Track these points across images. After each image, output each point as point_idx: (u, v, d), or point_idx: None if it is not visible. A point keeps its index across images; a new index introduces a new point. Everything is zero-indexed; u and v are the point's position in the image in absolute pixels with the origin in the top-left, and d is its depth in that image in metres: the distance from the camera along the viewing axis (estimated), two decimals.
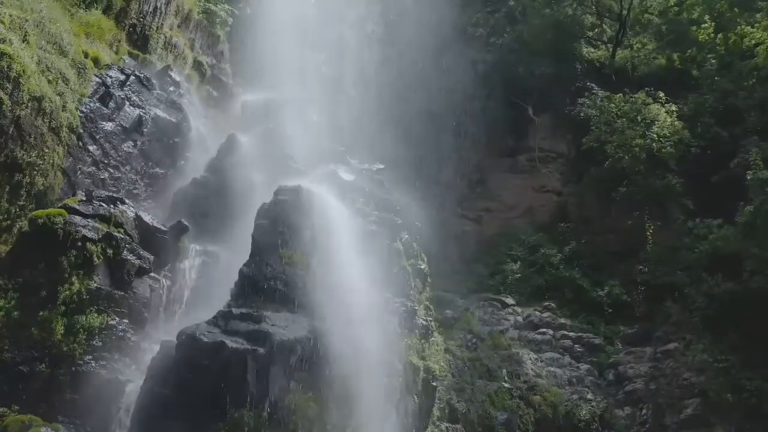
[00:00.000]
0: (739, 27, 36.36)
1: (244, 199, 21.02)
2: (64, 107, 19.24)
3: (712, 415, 26.23)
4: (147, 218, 19.44)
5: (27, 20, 18.67)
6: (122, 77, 22.21)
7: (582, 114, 36.69)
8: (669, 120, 34.05)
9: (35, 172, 18.17)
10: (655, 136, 33.54)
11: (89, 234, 17.18)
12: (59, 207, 17.60)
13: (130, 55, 23.84)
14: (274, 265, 17.40)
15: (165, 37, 25.52)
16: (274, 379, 15.39)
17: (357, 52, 36.59)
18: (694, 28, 38.25)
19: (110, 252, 17.48)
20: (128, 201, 19.36)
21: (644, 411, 27.33)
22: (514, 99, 40.84)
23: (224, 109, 27.85)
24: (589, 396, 27.69)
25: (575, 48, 41.29)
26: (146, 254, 18.41)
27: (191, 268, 19.83)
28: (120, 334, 17.10)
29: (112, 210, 18.15)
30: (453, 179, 40.53)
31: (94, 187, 19.87)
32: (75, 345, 16.26)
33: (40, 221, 16.85)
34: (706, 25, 37.49)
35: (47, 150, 18.52)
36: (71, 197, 18.53)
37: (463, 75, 39.57)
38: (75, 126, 19.72)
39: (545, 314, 32.52)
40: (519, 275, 35.43)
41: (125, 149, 21.59)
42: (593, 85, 38.84)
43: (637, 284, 32.70)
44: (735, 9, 37.08)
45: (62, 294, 16.46)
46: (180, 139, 23.43)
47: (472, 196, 40.48)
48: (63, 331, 16.20)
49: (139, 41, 24.58)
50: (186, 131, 23.73)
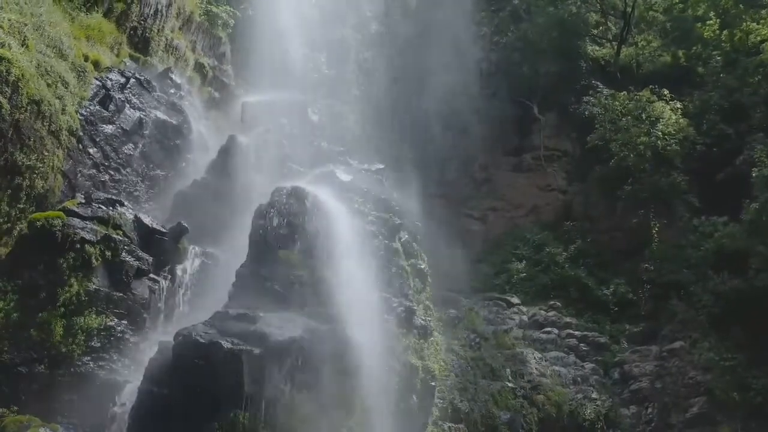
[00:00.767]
0: (745, 23, 36.19)
1: (244, 201, 21.11)
2: (64, 110, 19.35)
3: (718, 414, 26.07)
4: (146, 220, 19.59)
5: (26, 24, 18.81)
6: (122, 80, 22.33)
7: (587, 112, 36.53)
8: (674, 118, 33.89)
9: (35, 175, 18.28)
10: (660, 134, 33.39)
11: (88, 236, 17.34)
12: (58, 209, 17.76)
13: (131, 58, 23.99)
14: (271, 266, 17.53)
15: (166, 40, 25.64)
16: (270, 379, 15.49)
17: (360, 53, 36.65)
18: (699, 25, 38.07)
19: (109, 254, 17.65)
20: (127, 203, 19.52)
21: (650, 410, 27.19)
22: (519, 98, 40.81)
23: (226, 111, 27.96)
24: (594, 395, 27.57)
25: (580, 46, 41.08)
26: (145, 256, 18.56)
27: (190, 270, 19.97)
28: (119, 335, 17.28)
29: (111, 212, 18.30)
30: (458, 178, 40.55)
31: (95, 190, 20.03)
32: (74, 346, 16.47)
33: (39, 224, 17.03)
34: (711, 22, 37.33)
35: (47, 153, 18.65)
36: (71, 200, 18.65)
37: (468, 74, 39.52)
38: (75, 129, 19.84)
39: (550, 313, 32.43)
40: (524, 274, 35.36)
41: (126, 151, 21.71)
42: (598, 83, 38.60)
43: (643, 282, 32.49)
44: (740, 5, 36.87)
45: (61, 295, 16.65)
46: (181, 141, 23.54)
47: (478, 196, 40.43)
48: (62, 333, 16.40)
49: (140, 44, 24.71)
50: (187, 133, 23.83)
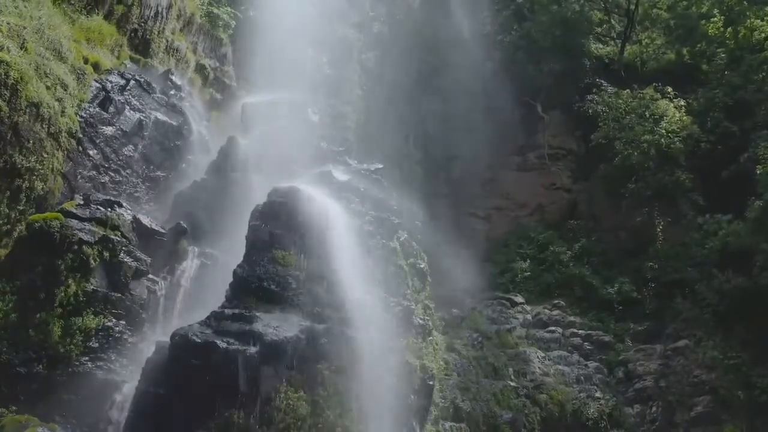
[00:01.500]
0: (749, 20, 35.96)
1: (244, 201, 21.12)
2: (63, 112, 19.53)
3: (723, 413, 26.00)
4: (145, 221, 19.75)
5: (25, 27, 18.97)
6: (122, 82, 22.48)
7: (591, 111, 36.41)
8: (677, 115, 33.74)
9: (34, 177, 18.47)
10: (664, 132, 33.24)
11: (85, 237, 17.49)
12: (56, 211, 17.89)
13: (132, 60, 24.13)
14: (268, 266, 17.58)
15: (167, 42, 25.78)
16: (265, 379, 15.57)
17: (362, 53, 36.67)
18: (704, 22, 37.83)
19: (107, 254, 17.80)
20: (126, 204, 19.68)
21: (654, 409, 27.09)
22: (523, 97, 40.69)
23: (227, 112, 28.09)
24: (598, 394, 27.48)
25: (583, 44, 40.92)
26: (143, 256, 18.70)
27: (189, 270, 20.07)
28: (117, 336, 17.41)
29: (109, 213, 18.44)
30: (463, 178, 40.43)
31: (95, 191, 20.21)
32: (72, 346, 16.62)
33: (37, 225, 17.20)
34: (716, 19, 37.09)
35: (46, 155, 18.82)
36: (70, 201, 18.78)
37: (472, 73, 39.44)
38: (74, 131, 20.01)
39: (554, 312, 32.32)
40: (528, 273, 35.25)
41: (126, 153, 21.87)
42: (602, 82, 38.53)
43: (647, 281, 32.32)
44: (744, 2, 36.54)
45: (59, 296, 16.82)
46: (181, 142, 23.69)
47: (482, 195, 40.28)
48: (60, 333, 16.57)
49: (141, 46, 24.87)
50: (187, 134, 23.98)
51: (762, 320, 26.48)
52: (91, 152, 20.76)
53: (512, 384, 26.41)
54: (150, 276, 18.92)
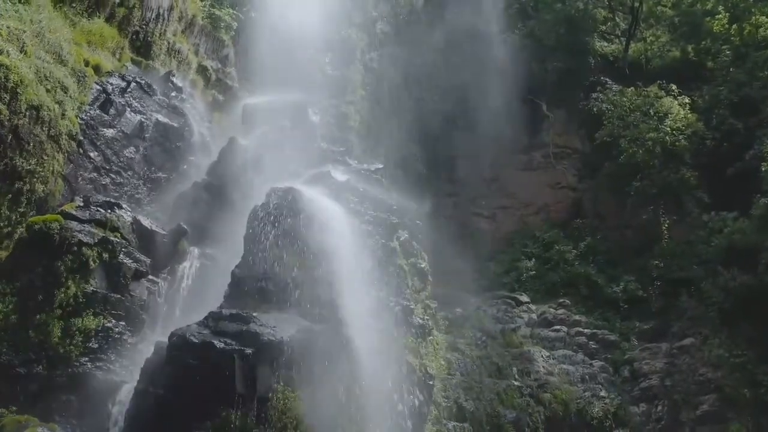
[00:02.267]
0: (754, 17, 35.82)
1: (244, 201, 21.19)
2: (64, 115, 19.67)
3: (729, 411, 25.80)
4: (146, 222, 19.84)
5: (25, 31, 19.11)
6: (123, 84, 22.61)
7: (595, 109, 36.37)
8: (682, 113, 33.62)
9: (35, 180, 18.61)
10: (669, 130, 33.15)
11: (85, 238, 17.59)
12: (56, 213, 18.02)
13: (133, 62, 24.25)
14: (265, 267, 17.65)
15: (168, 43, 25.88)
16: (262, 379, 15.56)
17: (366, 53, 36.70)
18: (708, 20, 37.73)
19: (106, 256, 17.88)
20: (126, 205, 19.79)
21: (660, 407, 26.93)
22: (528, 95, 40.62)
23: (229, 113, 28.17)
24: (603, 393, 27.34)
25: (588, 42, 40.85)
26: (143, 257, 18.78)
27: (190, 271, 20.14)
28: (116, 336, 17.49)
29: (109, 215, 18.55)
30: (467, 177, 40.44)
31: (96, 193, 20.36)
32: (71, 347, 16.71)
33: (37, 227, 17.32)
34: (721, 16, 36.97)
35: (47, 157, 18.97)
36: (70, 203, 18.91)
37: (475, 72, 39.39)
38: (75, 133, 20.14)
39: (560, 311, 32.24)
40: (533, 272, 35.24)
41: (127, 155, 22.00)
42: (607, 80, 38.49)
43: (653, 279, 32.22)
44: None
45: (59, 297, 16.91)
46: (182, 144, 23.81)
47: (487, 194, 40.27)
48: (60, 334, 16.66)
49: (142, 48, 24.99)
50: (188, 136, 24.10)
51: None
52: (92, 154, 20.89)
53: (516, 383, 26.34)
54: (150, 277, 19.00)
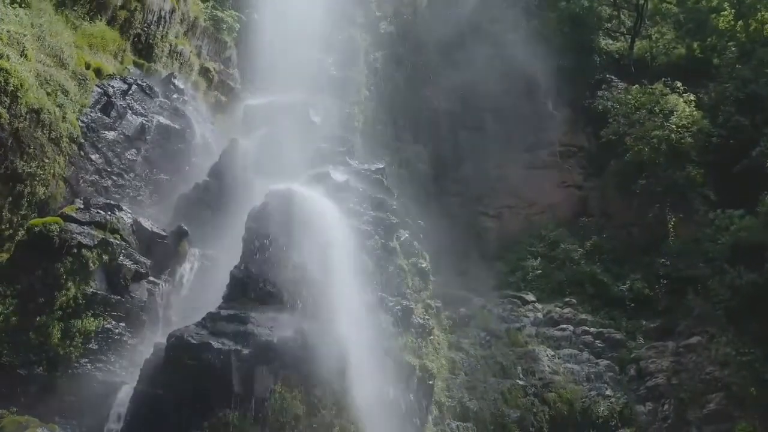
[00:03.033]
0: (760, 13, 35.59)
1: (245, 202, 21.21)
2: (64, 118, 19.81)
3: (736, 410, 25.65)
4: (146, 224, 19.92)
5: (25, 35, 19.27)
6: (124, 86, 22.73)
7: (600, 107, 36.26)
8: (687, 110, 33.45)
9: (36, 182, 18.75)
10: (674, 127, 33.02)
11: (84, 240, 17.68)
12: (57, 215, 18.13)
13: (135, 65, 24.36)
14: (263, 267, 17.69)
15: (170, 46, 25.98)
16: (259, 379, 15.65)
17: (370, 53, 36.70)
18: (714, 16, 37.52)
19: (106, 257, 17.96)
20: (126, 207, 19.84)
21: (666, 406, 26.82)
22: (533, 94, 40.50)
23: (232, 114, 28.23)
24: (608, 392, 27.28)
25: (593, 40, 40.83)
26: (143, 259, 18.86)
27: (190, 272, 20.23)
28: (116, 337, 17.56)
29: (108, 217, 18.64)
30: (473, 176, 40.33)
31: (98, 195, 20.45)
32: (71, 348, 16.79)
33: (37, 229, 17.41)
34: (726, 13, 36.78)
35: (47, 160, 19.10)
36: (71, 205, 19.02)
37: (480, 72, 39.32)
38: (76, 136, 20.26)
39: (566, 310, 32.15)
40: (539, 271, 35.15)
41: (128, 157, 22.10)
42: (613, 77, 38.43)
43: (659, 278, 32.11)
44: None
45: (59, 299, 17.00)
46: (184, 146, 23.89)
47: (493, 193, 40.14)
48: (60, 335, 16.74)
49: (144, 50, 25.10)
50: (190, 137, 24.17)
51: None
52: (93, 157, 21.00)
53: (520, 383, 26.33)
54: (150, 278, 19.07)
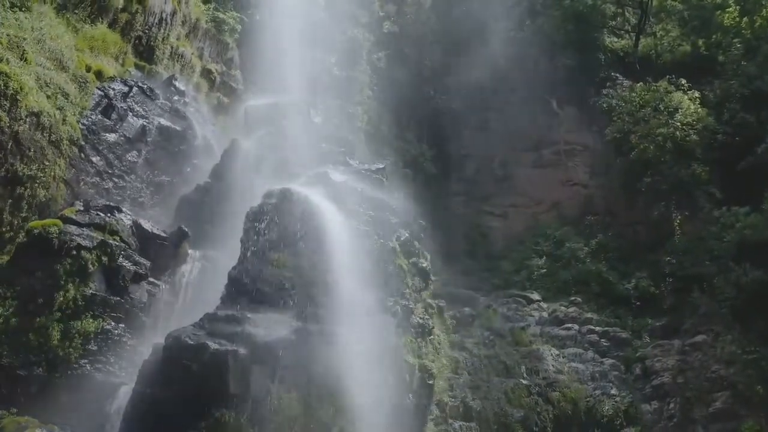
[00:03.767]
0: (765, 9, 35.30)
1: (245, 203, 21.24)
2: (64, 121, 19.95)
3: (742, 408, 25.48)
4: (147, 225, 20.04)
5: (25, 39, 19.42)
6: (125, 89, 22.86)
7: (605, 105, 36.13)
8: (692, 107, 33.26)
9: (36, 185, 18.93)
10: (679, 125, 32.82)
11: (84, 242, 17.81)
12: (56, 217, 18.25)
13: (137, 67, 24.51)
14: (261, 268, 17.76)
15: (171, 48, 26.12)
16: (256, 380, 15.72)
17: (373, 53, 36.73)
18: (719, 13, 37.25)
19: (105, 259, 18.08)
20: (126, 209, 19.97)
21: (672, 405, 26.67)
22: (537, 92, 40.39)
23: (234, 115, 28.30)
24: (613, 391, 27.14)
25: (597, 38, 40.66)
26: (143, 260, 18.97)
27: (191, 273, 20.30)
28: (116, 338, 17.69)
29: (108, 218, 18.75)
30: (478, 176, 40.38)
31: (99, 197, 20.59)
32: (71, 349, 16.94)
33: (36, 231, 17.56)
34: (731, 9, 36.51)
35: (48, 163, 19.26)
36: (71, 207, 19.16)
37: (484, 71, 39.30)
38: (76, 138, 20.42)
39: (571, 309, 32.05)
40: (545, 270, 35.05)
41: (129, 159, 22.24)
42: (618, 75, 38.26)
43: (665, 276, 31.94)
44: None
45: (58, 300, 17.15)
46: (185, 147, 24.00)
47: (498, 192, 40.13)
48: (59, 336, 16.88)
49: (145, 53, 25.25)
50: (191, 139, 24.27)
51: None
52: (94, 159, 21.14)
53: (524, 382, 26.24)
54: (151, 279, 19.19)
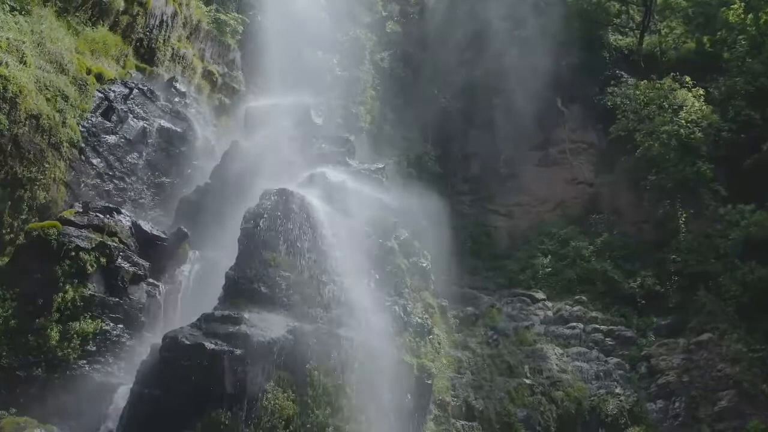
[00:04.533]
0: None
1: (245, 204, 21.27)
2: (64, 123, 20.10)
3: (747, 406, 25.51)
4: (146, 226, 20.14)
5: (24, 42, 19.55)
6: (125, 91, 22.98)
7: (610, 103, 36.00)
8: (696, 105, 33.09)
9: (36, 187, 19.10)
10: (683, 122, 32.65)
11: (82, 244, 17.91)
12: (55, 219, 18.37)
13: (138, 69, 24.64)
14: (258, 268, 17.82)
15: (172, 49, 26.21)
16: (252, 379, 15.78)
17: (376, 53, 36.75)
18: (724, 10, 36.92)
19: (104, 260, 18.16)
20: (125, 210, 20.11)
21: (677, 404, 26.66)
22: (542, 91, 40.18)
23: (236, 116, 28.39)
24: (618, 390, 27.14)
25: (602, 36, 40.62)
26: (141, 261, 19.05)
27: (190, 274, 20.38)
28: (114, 339, 17.79)
29: (106, 220, 18.85)
30: (482, 175, 40.36)
31: (99, 199, 20.72)
32: (69, 350, 17.04)
33: (35, 233, 17.69)
34: (736, 6, 36.13)
35: (48, 165, 19.43)
36: (70, 209, 19.28)
37: (488, 69, 39.27)
38: (76, 141, 20.56)
39: (576, 308, 32.00)
40: (549, 269, 34.99)
41: (130, 160, 22.37)
42: (622, 73, 38.12)
43: (671, 274, 31.83)
44: None
45: (57, 302, 17.23)
46: (186, 148, 24.12)
47: (503, 191, 40.05)
48: (58, 337, 16.99)
49: (147, 55, 25.37)
50: (192, 140, 24.38)
51: None
52: (94, 161, 21.28)
53: (528, 381, 26.24)
54: (150, 280, 19.27)
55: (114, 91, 22.59)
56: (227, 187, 22.70)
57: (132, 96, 23.01)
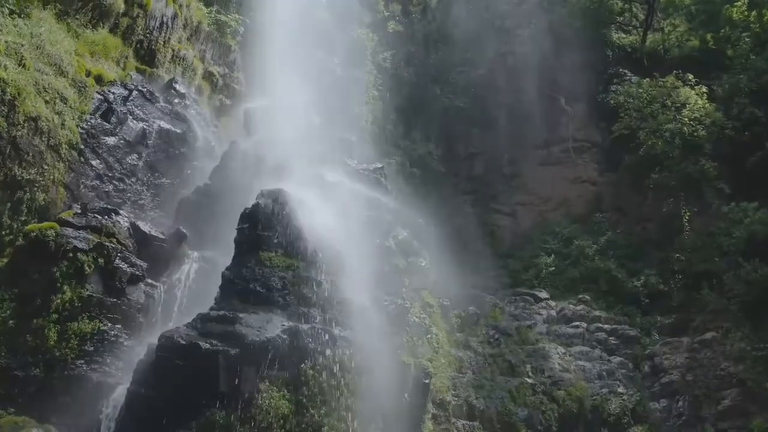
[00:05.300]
0: None
1: (244, 204, 21.34)
2: (63, 125, 20.18)
3: (751, 405, 25.41)
4: (144, 227, 20.24)
5: (23, 45, 19.67)
6: (125, 92, 23.03)
7: (613, 102, 35.95)
8: (700, 102, 33.00)
9: (35, 189, 19.16)
10: (686, 120, 32.57)
11: (80, 245, 17.98)
12: (53, 221, 18.50)
13: (138, 71, 24.70)
14: (254, 268, 17.88)
15: (173, 51, 26.26)
16: (247, 379, 15.82)
17: (378, 53, 36.76)
18: (727, 7, 36.83)
19: (102, 261, 18.21)
20: (123, 211, 20.20)
21: (681, 403, 26.62)
22: (545, 90, 40.29)
23: (236, 117, 28.45)
24: (621, 389, 27.10)
25: (605, 34, 40.62)
26: (139, 262, 19.13)
27: (189, 274, 20.42)
28: (112, 339, 17.82)
29: (105, 221, 18.94)
30: (486, 174, 40.43)
31: (99, 200, 20.81)
32: (67, 350, 17.09)
33: (33, 234, 17.78)
34: (740, 3, 36.07)
35: (47, 167, 19.51)
36: (68, 210, 19.40)
37: (491, 68, 39.26)
38: (75, 142, 20.63)
39: (579, 307, 31.98)
40: (553, 268, 35.05)
41: (130, 162, 22.44)
42: (626, 71, 38.10)
43: (674, 273, 31.79)
44: None
45: (55, 302, 17.28)
46: (186, 149, 24.17)
47: (507, 190, 40.16)
48: (56, 338, 17.04)
49: (147, 56, 25.41)
50: (192, 141, 24.43)
51: None
52: (94, 162, 21.35)
53: (529, 381, 26.23)
54: (148, 280, 19.33)
55: (113, 93, 22.65)
56: (226, 188, 22.73)
57: (131, 97, 23.07)
